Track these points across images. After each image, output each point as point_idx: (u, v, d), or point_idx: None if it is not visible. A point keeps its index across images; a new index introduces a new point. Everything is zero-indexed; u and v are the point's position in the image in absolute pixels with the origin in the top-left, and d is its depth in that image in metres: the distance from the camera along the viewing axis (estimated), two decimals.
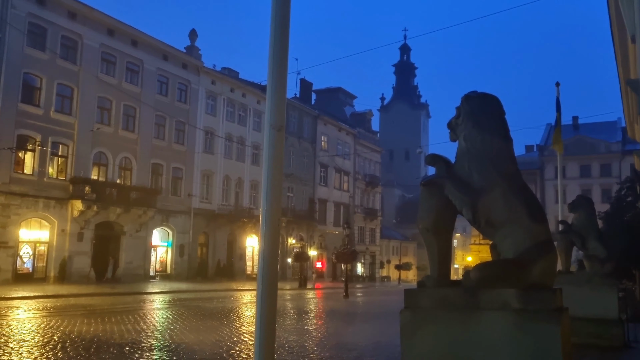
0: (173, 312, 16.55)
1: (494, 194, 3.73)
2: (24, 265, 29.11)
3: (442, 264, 4.01)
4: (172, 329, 12.20)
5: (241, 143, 44.32)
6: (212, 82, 41.93)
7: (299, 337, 11.49)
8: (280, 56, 3.25)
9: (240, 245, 43.93)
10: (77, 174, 31.02)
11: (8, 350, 8.86)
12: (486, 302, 3.53)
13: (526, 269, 3.53)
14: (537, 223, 3.68)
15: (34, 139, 29.32)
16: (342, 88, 71.39)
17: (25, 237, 29.17)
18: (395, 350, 9.36)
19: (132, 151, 34.99)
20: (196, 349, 9.41)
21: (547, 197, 58.07)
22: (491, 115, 3.98)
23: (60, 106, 30.91)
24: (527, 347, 3.36)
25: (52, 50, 30.25)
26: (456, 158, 4.09)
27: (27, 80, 29.30)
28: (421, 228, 4.09)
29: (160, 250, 37.97)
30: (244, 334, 11.78)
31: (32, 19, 29.42)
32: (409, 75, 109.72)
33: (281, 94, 3.26)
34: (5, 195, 27.55)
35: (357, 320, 16.83)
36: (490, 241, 3.98)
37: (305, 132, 52.83)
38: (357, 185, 62.70)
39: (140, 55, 35.89)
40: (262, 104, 46.48)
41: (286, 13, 3.24)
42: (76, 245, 30.92)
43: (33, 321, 13.05)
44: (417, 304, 3.86)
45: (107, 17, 33.82)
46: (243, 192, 44.55)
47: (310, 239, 51.32)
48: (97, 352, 8.83)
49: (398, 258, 72.07)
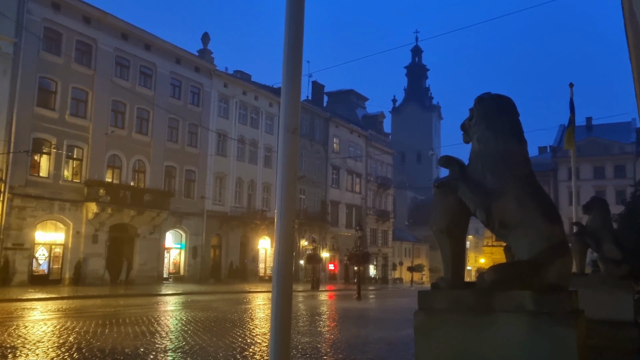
0: (186, 313, 16.63)
1: (508, 195, 3.72)
2: (39, 267, 29.42)
3: (456, 265, 4.00)
4: (185, 330, 12.27)
5: (253, 145, 44.48)
6: (225, 85, 42.15)
7: (312, 339, 11.50)
8: (295, 59, 3.27)
9: (252, 247, 44.04)
10: (92, 176, 31.34)
11: (25, 351, 8.97)
12: (500, 304, 3.52)
13: (541, 270, 3.51)
14: (551, 224, 3.65)
15: (49, 142, 29.66)
16: (353, 90, 71.44)
17: (41, 239, 29.49)
18: (409, 352, 9.34)
19: (145, 154, 35.26)
20: (210, 351, 9.45)
21: (560, 199, 57.59)
22: (505, 117, 3.96)
23: (75, 110, 31.24)
24: (542, 350, 3.34)
25: (67, 55, 30.60)
26: (469, 160, 4.08)
27: (42, 84, 29.66)
28: (435, 230, 4.08)
29: (173, 252, 38.19)
30: (257, 335, 11.81)
31: (47, 24, 29.80)
32: (420, 77, 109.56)
33: (295, 97, 3.28)
34: (22, 197, 27.88)
35: (369, 322, 16.79)
36: (504, 243, 3.97)
37: (317, 134, 52.89)
38: (369, 187, 62.60)
39: (153, 59, 36.17)
40: (274, 107, 46.64)
41: (300, 16, 3.26)
42: (91, 247, 31.20)
43: (49, 322, 13.19)
44: (431, 305, 3.85)
45: (121, 22, 34.15)
46: (255, 194, 44.69)
47: (323, 241, 51.32)
48: (112, 354, 8.90)
49: (410, 260, 71.86)
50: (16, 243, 27.59)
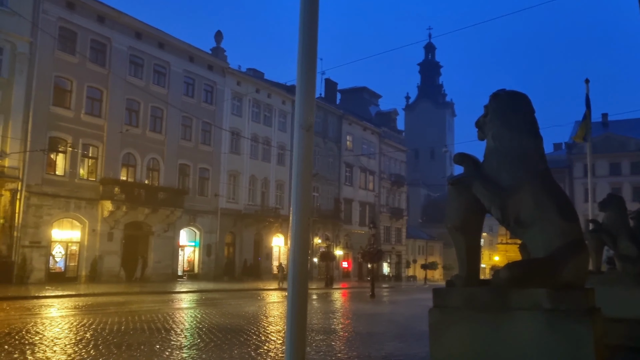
0: (201, 311, 16.74)
1: (524, 192, 3.70)
2: (56, 265, 29.77)
3: (471, 263, 3.99)
4: (200, 327, 12.35)
5: (267, 143, 44.58)
6: (238, 83, 42.27)
7: (326, 337, 11.52)
8: (309, 57, 3.28)
9: (266, 244, 44.18)
10: (107, 175, 31.61)
11: (42, 347, 9.09)
12: (516, 302, 3.51)
13: (557, 268, 3.49)
14: (567, 222, 3.63)
15: (65, 140, 29.97)
16: (366, 87, 71.25)
17: (58, 237, 29.82)
18: (423, 350, 9.32)
19: (159, 152, 35.49)
20: (224, 348, 9.51)
21: (576, 196, 57.01)
22: (520, 113, 3.94)
23: (90, 108, 31.52)
24: (558, 348, 3.32)
25: (82, 54, 30.87)
26: (484, 157, 4.07)
27: (58, 83, 29.96)
28: (449, 227, 4.08)
29: (187, 250, 38.42)
30: (271, 333, 11.86)
31: (62, 23, 30.09)
32: (434, 74, 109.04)
33: (310, 94, 3.29)
34: (38, 196, 28.22)
35: (384, 319, 16.78)
36: (519, 240, 3.95)
37: (330, 131, 52.85)
38: (382, 185, 62.47)
39: (167, 58, 36.38)
40: (287, 104, 46.69)
41: (315, 15, 3.26)
42: (106, 245, 31.50)
43: (66, 319, 13.34)
44: (446, 303, 3.85)
45: (135, 21, 34.37)
46: (269, 192, 44.80)
47: (336, 239, 51.32)
48: (128, 350, 8.99)
49: (424, 257, 71.63)
50: (33, 241, 27.94)
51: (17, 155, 27.06)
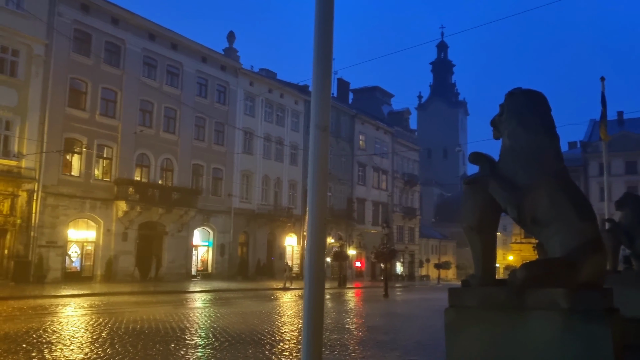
0: (215, 310, 16.82)
1: (540, 191, 3.68)
2: (72, 264, 30.07)
3: (487, 262, 3.98)
4: (214, 327, 12.41)
5: (279, 143, 44.65)
6: (250, 83, 42.39)
7: (340, 336, 11.53)
8: (324, 57, 3.28)
9: (279, 244, 44.25)
10: (121, 175, 31.87)
11: (60, 346, 9.19)
12: (533, 302, 3.48)
13: (575, 268, 3.46)
14: (584, 221, 3.60)
15: (80, 141, 30.26)
16: (379, 87, 71.15)
17: (73, 237, 30.12)
18: (438, 349, 9.29)
19: (173, 152, 35.70)
20: (239, 347, 9.55)
21: (591, 195, 56.37)
22: (536, 112, 3.91)
23: (105, 109, 31.79)
24: (576, 349, 3.29)
25: (97, 55, 31.14)
26: (500, 156, 4.05)
27: (73, 84, 30.25)
28: (465, 227, 4.06)
29: (201, 250, 38.61)
30: (285, 332, 11.89)
31: (77, 25, 30.37)
32: (446, 73, 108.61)
33: (325, 94, 3.30)
34: (55, 196, 28.52)
35: (397, 319, 16.75)
36: (533, 240, 3.94)
37: (342, 131, 52.81)
38: (395, 184, 62.32)
39: (180, 58, 36.59)
40: (299, 104, 46.75)
41: (330, 15, 3.27)
42: (121, 244, 31.75)
43: (82, 318, 13.48)
44: (461, 303, 3.84)
45: (148, 22, 34.60)
46: (282, 192, 44.87)
47: (349, 238, 51.29)
48: (144, 349, 9.06)
49: (437, 257, 71.33)
50: (50, 241, 28.26)
51: (34, 156, 27.38)
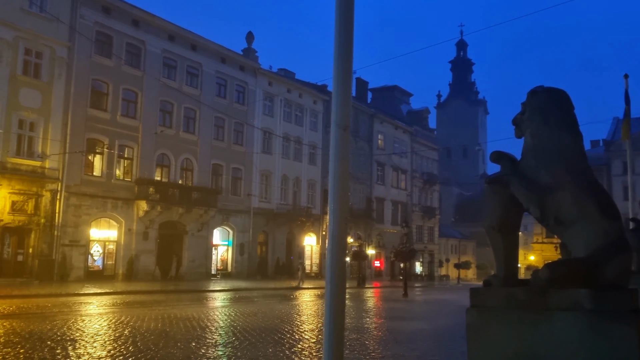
0: (235, 309, 16.92)
1: (564, 190, 3.63)
2: (94, 263, 30.53)
3: (509, 262, 3.94)
4: (235, 326, 12.48)
5: (298, 143, 44.76)
6: (269, 83, 42.55)
7: (360, 335, 11.51)
8: (345, 57, 3.28)
9: (298, 243, 44.36)
10: (142, 175, 32.24)
11: (83, 343, 9.33)
12: (556, 302, 3.44)
13: (599, 268, 3.41)
14: (609, 220, 3.55)
15: (102, 142, 30.69)
16: (397, 86, 70.89)
17: (96, 236, 30.57)
18: (458, 350, 9.23)
19: (192, 152, 36.00)
20: (259, 346, 9.59)
21: (614, 194, 55.45)
22: (559, 110, 3.87)
23: (126, 110, 32.19)
24: (601, 350, 3.25)
25: (118, 57, 31.54)
26: (522, 155, 4.01)
27: (95, 86, 30.69)
28: (486, 227, 4.03)
29: (221, 249, 38.88)
30: (305, 332, 11.91)
31: (99, 27, 30.80)
32: (466, 72, 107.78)
33: (346, 93, 3.30)
34: (77, 196, 28.97)
35: (417, 319, 16.67)
36: (555, 239, 3.90)
37: (361, 130, 52.73)
38: (414, 184, 62.04)
39: (199, 59, 36.87)
40: (318, 104, 46.80)
41: (351, 15, 3.27)
42: (142, 244, 32.12)
43: (105, 316, 13.67)
44: (483, 303, 3.81)
45: (168, 24, 34.94)
46: (301, 192, 44.97)
47: (368, 238, 51.21)
48: (165, 347, 9.15)
49: (457, 256, 70.86)
50: (73, 240, 28.72)
51: (57, 156, 27.85)
